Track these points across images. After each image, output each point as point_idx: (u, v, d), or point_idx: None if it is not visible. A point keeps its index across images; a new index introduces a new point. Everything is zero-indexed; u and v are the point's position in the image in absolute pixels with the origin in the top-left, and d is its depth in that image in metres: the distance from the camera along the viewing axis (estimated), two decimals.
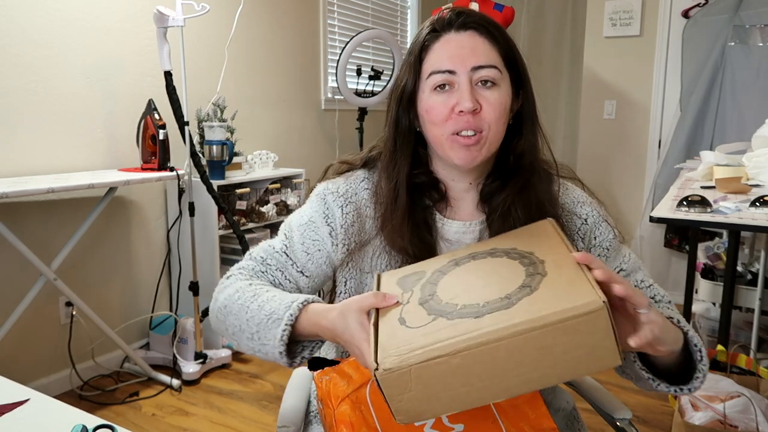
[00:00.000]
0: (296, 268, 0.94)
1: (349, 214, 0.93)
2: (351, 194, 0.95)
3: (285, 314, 0.79)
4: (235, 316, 0.86)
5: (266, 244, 0.98)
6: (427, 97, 0.88)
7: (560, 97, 4.80)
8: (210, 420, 2.22)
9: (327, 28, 3.72)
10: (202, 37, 2.87)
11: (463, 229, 0.94)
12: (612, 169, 3.77)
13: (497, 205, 0.92)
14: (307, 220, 0.95)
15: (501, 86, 0.87)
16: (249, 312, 0.84)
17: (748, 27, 3.18)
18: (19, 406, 0.78)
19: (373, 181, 0.97)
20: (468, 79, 0.85)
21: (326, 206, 0.94)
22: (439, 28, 0.89)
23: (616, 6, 3.61)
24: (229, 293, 0.89)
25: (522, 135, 0.93)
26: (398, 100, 0.92)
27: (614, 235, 0.95)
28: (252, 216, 2.92)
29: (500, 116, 0.87)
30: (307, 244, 0.94)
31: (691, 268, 2.49)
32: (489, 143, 0.88)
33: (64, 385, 2.40)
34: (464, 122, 0.86)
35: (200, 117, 2.78)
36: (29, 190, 1.92)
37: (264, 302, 0.83)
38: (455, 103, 0.86)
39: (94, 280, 2.53)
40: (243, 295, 0.87)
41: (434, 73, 0.87)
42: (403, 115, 0.92)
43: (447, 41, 0.88)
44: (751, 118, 2.98)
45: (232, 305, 0.87)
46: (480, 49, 0.87)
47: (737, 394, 1.68)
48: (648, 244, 3.61)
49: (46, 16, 2.26)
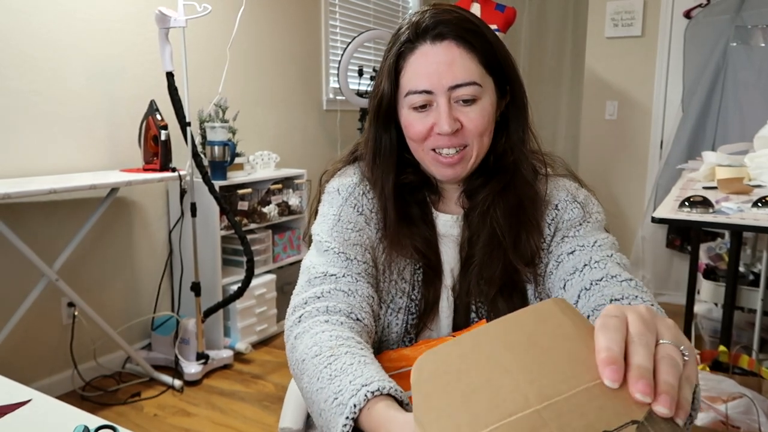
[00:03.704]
0: (358, 260, 0.87)
1: (372, 199, 0.92)
2: (366, 183, 0.94)
3: (349, 402, 0.64)
4: (308, 380, 0.72)
5: (310, 262, 0.88)
6: (407, 114, 0.86)
7: (562, 97, 4.80)
8: (212, 420, 2.22)
9: (328, 28, 3.73)
10: (203, 38, 2.88)
11: (451, 222, 0.94)
12: (614, 169, 3.77)
13: (477, 204, 0.90)
14: (338, 217, 0.90)
15: (482, 99, 0.84)
16: (320, 381, 0.70)
17: (750, 27, 3.18)
18: (21, 407, 0.78)
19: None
20: (446, 99, 0.83)
21: (352, 197, 0.92)
22: (414, 37, 0.85)
23: (618, 6, 3.61)
24: (307, 346, 0.75)
25: (507, 134, 0.90)
26: (376, 115, 0.89)
27: (583, 215, 0.89)
28: (254, 216, 2.93)
29: (484, 130, 0.85)
30: (353, 237, 0.88)
31: (693, 269, 2.49)
32: (475, 156, 0.87)
33: (65, 385, 2.40)
34: (445, 141, 0.84)
35: (202, 118, 2.78)
36: (31, 191, 1.92)
37: (336, 372, 0.69)
38: (434, 123, 0.84)
39: (96, 280, 2.53)
40: (321, 352, 0.72)
41: (411, 93, 0.84)
42: (382, 130, 0.90)
43: (423, 54, 0.84)
44: (753, 119, 2.98)
45: (307, 364, 0.73)
46: (457, 64, 0.82)
47: (739, 395, 1.68)
48: (650, 244, 3.61)
49: (48, 17, 2.26)
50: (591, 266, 0.82)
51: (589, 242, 0.86)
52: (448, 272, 0.92)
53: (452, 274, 0.92)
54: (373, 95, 0.91)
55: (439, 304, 0.92)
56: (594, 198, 0.93)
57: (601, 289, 0.79)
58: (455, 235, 0.93)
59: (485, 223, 0.89)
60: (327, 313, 0.79)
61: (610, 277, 0.79)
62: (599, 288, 0.79)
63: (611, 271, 0.80)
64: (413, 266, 0.91)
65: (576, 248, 0.86)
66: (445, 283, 0.92)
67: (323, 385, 0.69)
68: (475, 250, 0.90)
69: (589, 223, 0.89)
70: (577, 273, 0.83)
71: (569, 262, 0.85)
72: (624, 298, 0.75)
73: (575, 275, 0.83)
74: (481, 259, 0.89)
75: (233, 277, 2.78)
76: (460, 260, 0.92)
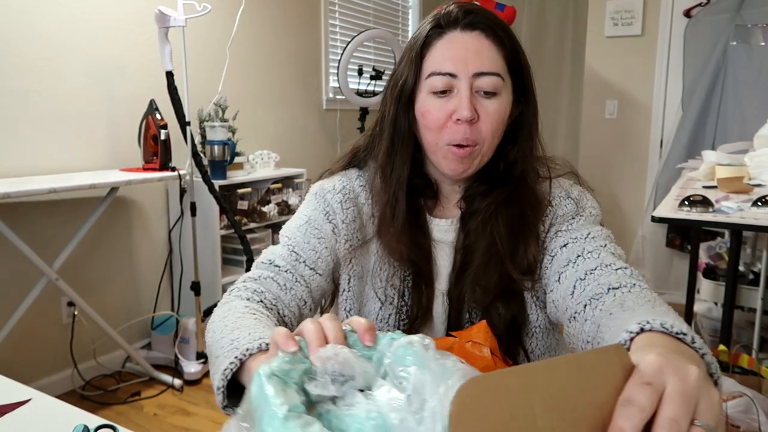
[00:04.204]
0: (307, 265, 0.88)
1: (350, 210, 0.92)
2: (348, 191, 0.93)
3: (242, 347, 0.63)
4: (211, 335, 0.73)
5: (269, 250, 0.92)
6: (425, 99, 0.85)
7: (562, 96, 4.80)
8: (212, 420, 2.22)
9: (328, 28, 3.72)
10: (203, 37, 2.87)
11: (446, 227, 0.92)
12: (614, 168, 3.77)
13: (479, 210, 0.89)
14: (307, 219, 0.92)
15: (502, 95, 0.84)
16: (221, 333, 0.71)
17: (750, 26, 3.18)
18: (21, 406, 0.78)
19: (366, 178, 0.94)
20: (468, 86, 0.82)
21: (326, 203, 0.92)
22: (444, 24, 0.84)
23: (618, 5, 3.61)
24: (222, 312, 0.78)
25: (517, 143, 0.89)
26: (397, 98, 0.87)
27: (576, 209, 0.89)
28: (253, 216, 2.93)
29: (497, 128, 0.84)
30: (313, 243, 0.90)
31: (692, 268, 2.49)
32: (482, 155, 0.86)
33: (65, 385, 2.40)
34: (460, 133, 0.83)
35: (202, 117, 2.78)
36: (31, 190, 1.92)
37: (238, 327, 0.70)
38: (453, 110, 0.82)
39: (96, 280, 2.53)
40: (229, 315, 0.75)
41: (434, 74, 0.83)
42: (402, 114, 0.88)
43: (451, 40, 0.83)
44: (753, 118, 2.98)
45: (216, 324, 0.75)
46: (485, 53, 0.82)
47: (739, 394, 1.68)
48: (650, 243, 3.61)
49: (48, 17, 2.26)
50: (584, 257, 0.81)
51: (582, 234, 0.85)
52: (444, 277, 0.92)
53: (447, 278, 0.92)
54: (391, 82, 0.89)
55: (433, 308, 0.92)
56: (590, 195, 0.93)
57: (596, 278, 0.77)
58: (451, 240, 0.92)
59: (485, 231, 0.88)
60: (254, 293, 0.82)
61: (604, 266, 0.78)
62: (594, 277, 0.78)
63: (605, 261, 0.79)
64: (403, 272, 0.90)
65: (569, 241, 0.85)
66: (439, 287, 0.92)
67: (223, 335, 0.69)
68: (473, 257, 0.89)
69: (582, 216, 0.88)
70: (570, 264, 0.82)
71: (563, 254, 0.84)
72: (622, 286, 0.73)
73: (569, 267, 0.82)
74: (478, 267, 0.88)
75: (233, 277, 2.78)
76: (455, 265, 0.91)
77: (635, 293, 0.72)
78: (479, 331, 0.83)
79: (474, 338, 0.82)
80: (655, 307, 0.66)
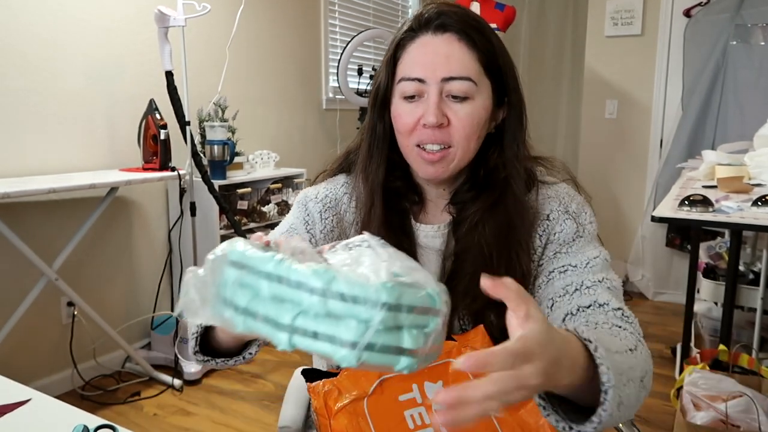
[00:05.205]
0: None
1: (329, 219, 0.92)
2: (330, 199, 0.93)
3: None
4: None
5: None
6: (397, 103, 0.85)
7: (561, 96, 4.80)
8: (211, 420, 2.22)
9: (328, 27, 3.72)
10: (203, 37, 2.87)
11: (433, 233, 0.91)
12: (613, 168, 3.77)
13: (465, 217, 0.88)
14: (288, 227, 0.93)
15: (475, 99, 0.82)
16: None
17: (750, 26, 3.18)
18: (21, 406, 0.78)
19: (352, 185, 0.94)
20: (437, 91, 0.80)
21: (307, 212, 0.93)
22: (416, 27, 0.84)
23: (618, 5, 3.61)
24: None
25: (501, 148, 0.87)
26: (374, 102, 0.89)
27: (575, 229, 0.86)
28: (253, 216, 2.93)
29: (471, 132, 0.82)
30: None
31: (692, 268, 2.49)
32: (458, 159, 0.84)
33: (65, 385, 2.40)
34: (428, 135, 0.82)
35: (201, 117, 2.78)
36: (31, 190, 1.92)
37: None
38: (421, 115, 0.82)
39: (96, 280, 2.53)
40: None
41: (404, 80, 0.83)
42: (378, 119, 0.89)
43: (422, 44, 0.83)
44: (753, 117, 2.97)
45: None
46: (455, 57, 0.81)
47: (739, 394, 1.68)
48: (650, 243, 3.61)
49: (48, 17, 2.26)
50: (582, 291, 0.81)
51: (581, 262, 0.84)
52: None
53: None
54: (373, 85, 0.90)
55: None
56: (588, 206, 0.91)
57: (586, 316, 0.77)
58: (437, 247, 0.91)
59: (473, 239, 0.86)
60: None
61: (597, 305, 0.78)
62: (585, 315, 0.77)
63: (600, 299, 0.78)
64: None
65: (568, 267, 0.84)
66: None
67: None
68: (462, 265, 0.88)
69: (582, 237, 0.86)
70: (567, 296, 0.81)
71: (560, 281, 0.83)
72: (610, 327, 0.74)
73: (564, 298, 0.81)
74: (468, 276, 0.86)
75: None
76: (445, 272, 0.90)
77: (615, 331, 0.71)
78: (477, 336, 0.84)
79: (472, 343, 0.83)
80: (621, 339, 0.67)
